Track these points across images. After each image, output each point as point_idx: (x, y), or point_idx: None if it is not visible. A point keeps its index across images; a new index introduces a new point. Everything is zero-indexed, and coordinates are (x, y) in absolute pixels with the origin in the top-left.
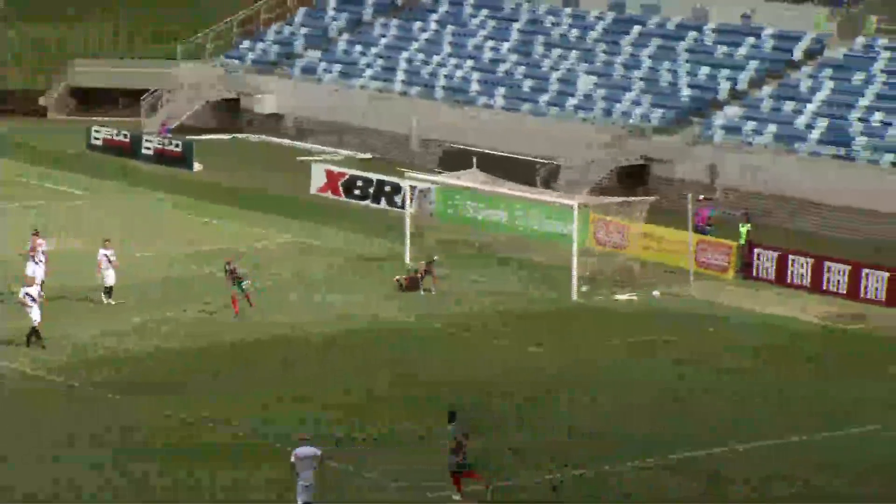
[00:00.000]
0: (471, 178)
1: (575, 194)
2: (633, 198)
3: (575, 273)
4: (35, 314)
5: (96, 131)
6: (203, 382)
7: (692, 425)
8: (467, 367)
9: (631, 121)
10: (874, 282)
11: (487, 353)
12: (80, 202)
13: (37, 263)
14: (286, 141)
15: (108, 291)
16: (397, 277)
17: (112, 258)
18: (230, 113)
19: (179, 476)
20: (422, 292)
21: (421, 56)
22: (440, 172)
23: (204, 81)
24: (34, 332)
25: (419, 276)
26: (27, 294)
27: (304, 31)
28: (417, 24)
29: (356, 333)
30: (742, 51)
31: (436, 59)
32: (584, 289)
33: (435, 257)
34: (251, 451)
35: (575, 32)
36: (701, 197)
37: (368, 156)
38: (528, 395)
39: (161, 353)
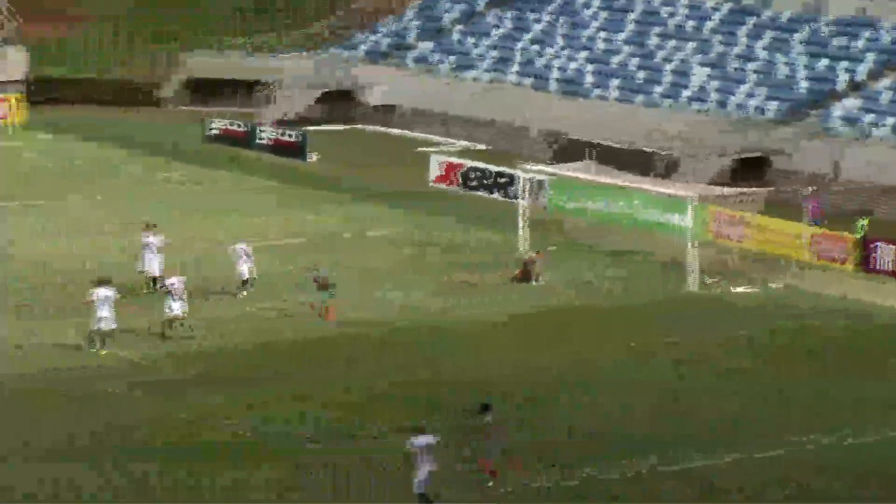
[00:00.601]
0: (585, 170)
1: (690, 186)
2: (749, 189)
3: (691, 265)
4: (175, 306)
5: (212, 122)
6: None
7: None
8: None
9: (746, 113)
10: None
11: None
12: (197, 192)
13: (154, 255)
14: (399, 132)
15: (245, 284)
16: (516, 268)
17: (249, 252)
18: (343, 104)
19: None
20: (534, 283)
21: (535, 47)
22: (553, 164)
23: (318, 72)
24: (169, 322)
25: (530, 267)
26: (172, 285)
27: (417, 22)
28: (531, 16)
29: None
30: (859, 43)
31: (549, 50)
32: (703, 281)
33: (549, 248)
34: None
35: (691, 23)
36: (810, 189)
37: (483, 147)
38: (665, 388)
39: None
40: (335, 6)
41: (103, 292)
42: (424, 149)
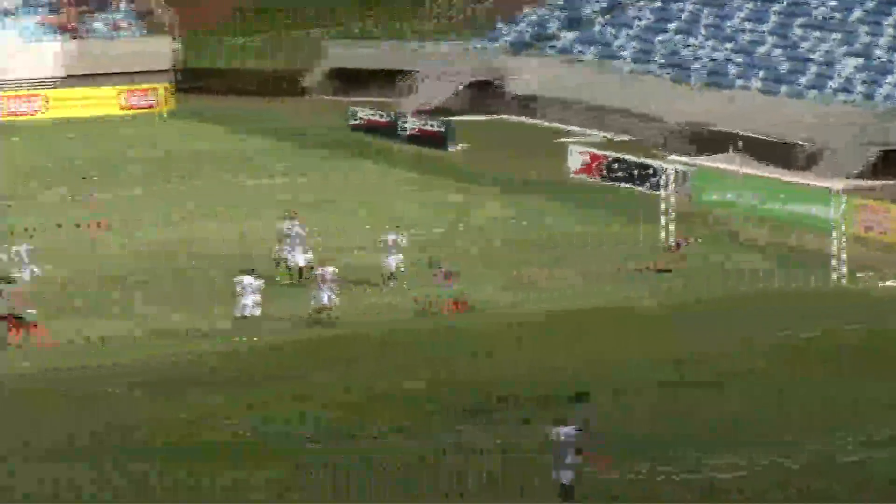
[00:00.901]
0: (729, 162)
1: (835, 178)
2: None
3: (837, 258)
4: (324, 295)
5: (356, 112)
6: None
7: None
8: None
9: (893, 104)
10: None
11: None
12: (339, 181)
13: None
14: (539, 122)
15: (391, 276)
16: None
17: (402, 242)
18: (484, 94)
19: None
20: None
21: (678, 38)
22: (696, 155)
23: (459, 62)
24: (318, 312)
25: (672, 257)
26: (322, 275)
27: (559, 12)
28: (675, 6)
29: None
30: None
31: (692, 41)
32: (848, 274)
33: (692, 239)
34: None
35: (836, 14)
36: None
37: (625, 137)
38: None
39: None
40: None
41: (248, 280)
42: (565, 140)
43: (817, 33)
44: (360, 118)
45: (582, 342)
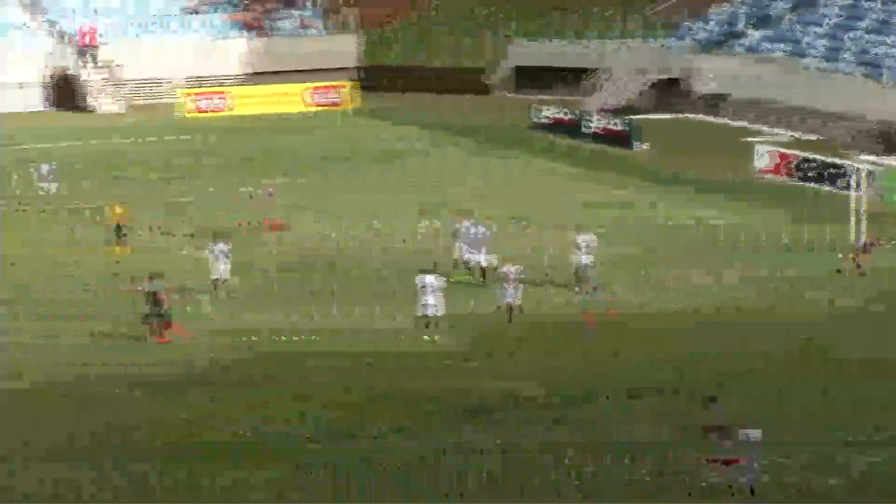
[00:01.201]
0: None
1: None
2: None
3: None
4: (509, 293)
5: (538, 110)
6: None
7: None
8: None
9: None
10: None
11: None
12: (521, 180)
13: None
14: (725, 121)
15: (579, 278)
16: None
17: (588, 244)
18: (669, 93)
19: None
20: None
21: (869, 36)
22: (884, 155)
23: (644, 61)
24: (509, 309)
25: (862, 257)
26: (507, 273)
27: (747, 10)
28: (866, 4)
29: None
30: None
31: (884, 39)
32: None
33: (882, 241)
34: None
35: None
36: None
37: (812, 137)
38: None
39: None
40: None
41: (429, 279)
42: (751, 139)
43: None
44: (544, 116)
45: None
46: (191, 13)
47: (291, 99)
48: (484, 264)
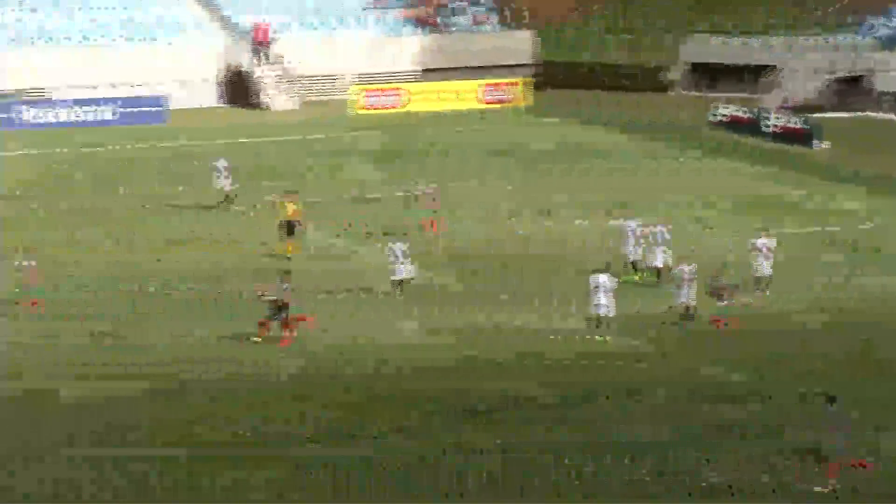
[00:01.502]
0: None
1: None
2: None
3: None
4: (683, 293)
5: (716, 107)
6: None
7: None
8: None
9: None
10: None
11: None
12: (698, 179)
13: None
14: None
15: (760, 281)
16: None
17: (772, 245)
18: (850, 91)
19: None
20: None
21: None
22: None
23: (824, 58)
24: (686, 310)
25: None
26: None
27: None
28: None
29: None
30: None
31: None
32: None
33: None
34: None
35: None
36: None
37: None
38: None
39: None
40: None
41: (602, 279)
42: None
43: None
44: (722, 114)
45: None
46: (368, 8)
47: (464, 96)
48: (660, 265)
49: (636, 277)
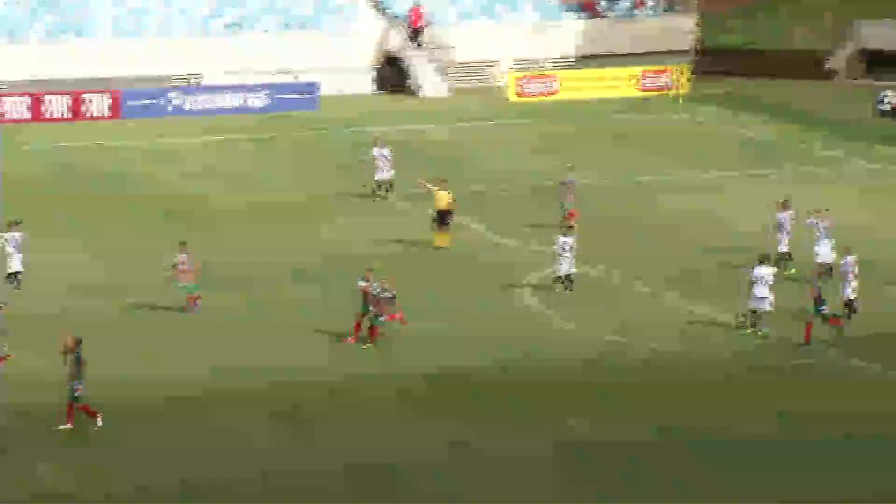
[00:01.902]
0: None
1: None
2: None
3: None
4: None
5: (884, 95)
6: None
7: None
8: None
9: None
10: None
11: None
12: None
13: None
14: None
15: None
16: None
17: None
18: None
19: None
20: None
21: None
22: None
23: None
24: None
25: None
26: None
27: None
28: None
29: None
30: None
31: None
32: None
33: None
34: None
35: None
36: None
37: None
38: None
39: None
40: None
41: (763, 271)
42: None
43: None
44: (891, 102)
45: None
46: None
47: (620, 83)
48: (827, 259)
49: (792, 271)
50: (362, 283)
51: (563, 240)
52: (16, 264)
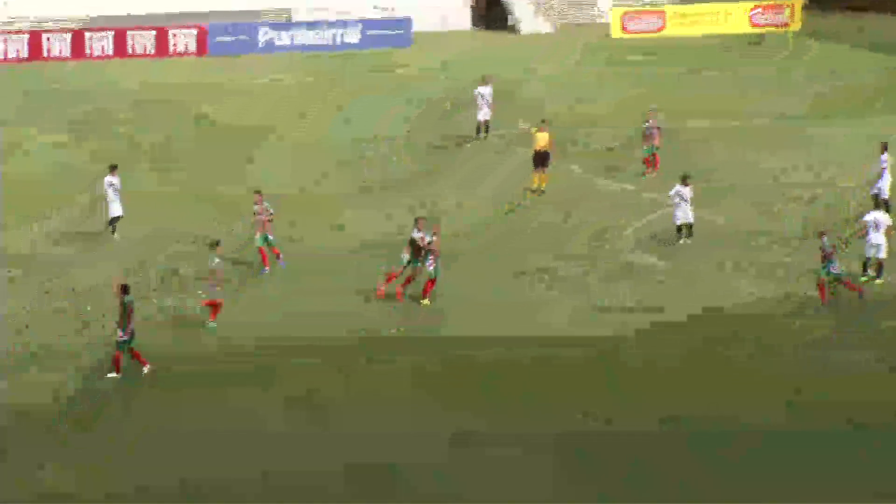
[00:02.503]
0: None
1: None
2: None
3: None
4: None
5: None
6: None
7: None
8: None
9: None
10: None
11: None
12: None
13: None
14: None
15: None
16: None
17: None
18: None
19: None
20: None
21: None
22: None
23: None
24: None
25: None
26: None
27: None
28: None
29: None
30: None
31: None
32: None
33: None
34: None
35: None
36: None
37: None
38: None
39: None
40: None
41: (877, 216)
42: None
43: None
44: None
45: None
46: None
47: (731, 19)
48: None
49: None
50: (417, 234)
51: (680, 188)
52: (116, 209)
